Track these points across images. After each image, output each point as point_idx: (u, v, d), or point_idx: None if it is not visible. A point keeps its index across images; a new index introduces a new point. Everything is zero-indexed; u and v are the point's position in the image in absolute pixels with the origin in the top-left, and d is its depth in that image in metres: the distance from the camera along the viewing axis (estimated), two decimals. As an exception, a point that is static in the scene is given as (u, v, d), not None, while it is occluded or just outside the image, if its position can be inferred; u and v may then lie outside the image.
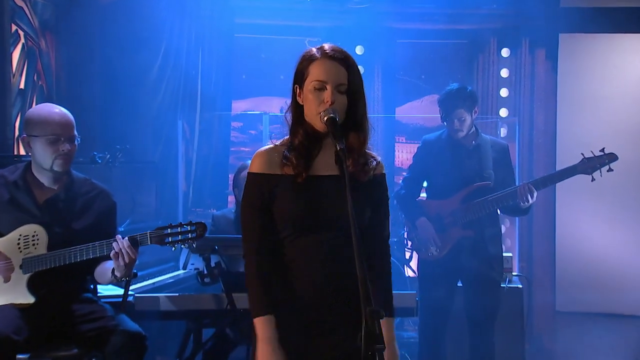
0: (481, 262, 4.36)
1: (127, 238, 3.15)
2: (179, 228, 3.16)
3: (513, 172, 4.56)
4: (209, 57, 6.33)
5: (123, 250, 3.10)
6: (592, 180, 4.25)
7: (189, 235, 3.15)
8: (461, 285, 4.50)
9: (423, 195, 4.71)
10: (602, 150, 4.23)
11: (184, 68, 6.12)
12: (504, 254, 5.09)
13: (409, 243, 4.59)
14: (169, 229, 3.16)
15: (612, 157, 4.22)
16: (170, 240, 3.15)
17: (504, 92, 6.52)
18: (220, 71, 6.41)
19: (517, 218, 6.12)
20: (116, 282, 3.29)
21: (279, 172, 2.29)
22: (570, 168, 4.27)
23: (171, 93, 6.01)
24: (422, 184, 4.68)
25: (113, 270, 3.19)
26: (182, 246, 3.18)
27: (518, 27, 6.43)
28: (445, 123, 4.42)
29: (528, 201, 4.23)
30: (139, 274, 3.64)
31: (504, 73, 6.52)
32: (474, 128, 4.45)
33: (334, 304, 2.25)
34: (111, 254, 3.15)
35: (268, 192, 2.29)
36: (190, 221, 3.19)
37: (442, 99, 4.41)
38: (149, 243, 3.17)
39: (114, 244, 3.14)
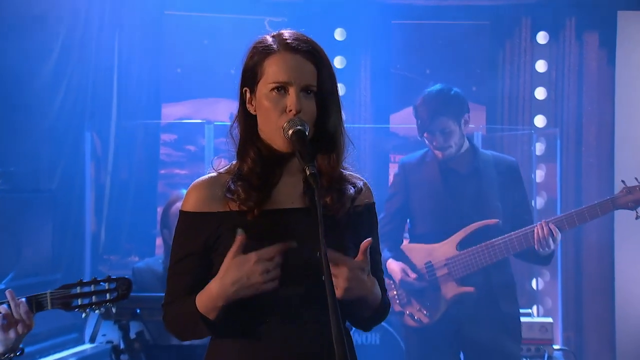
0: (490, 328, 4.42)
1: (23, 300, 3.14)
2: (92, 286, 3.12)
3: (527, 199, 4.64)
4: (129, 44, 6.35)
5: (18, 317, 3.09)
6: (637, 218, 4.35)
7: (107, 296, 3.12)
8: (464, 361, 4.58)
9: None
10: None
11: (94, 58, 6.14)
12: (542, 319, 5.17)
13: (392, 301, 4.67)
14: (78, 288, 3.11)
15: None
16: (79, 303, 3.11)
17: (540, 93, 6.60)
18: (145, 63, 6.43)
19: (558, 267, 6.19)
20: None
21: (222, 209, 2.32)
22: (605, 202, 4.36)
23: (75, 94, 6.00)
24: (404, 224, 4.77)
25: None
26: (97, 311, 3.19)
27: (560, 3, 6.52)
28: (424, 139, 4.52)
29: (549, 247, 4.31)
30: (26, 349, 3.64)
31: (541, 66, 6.61)
32: (467, 143, 4.54)
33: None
34: None
35: (206, 239, 2.33)
36: (109, 276, 3.16)
37: (417, 105, 4.52)
38: (49, 307, 3.13)
39: (2, 308, 3.12)
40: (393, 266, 4.57)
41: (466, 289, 4.44)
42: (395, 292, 4.60)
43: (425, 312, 4.51)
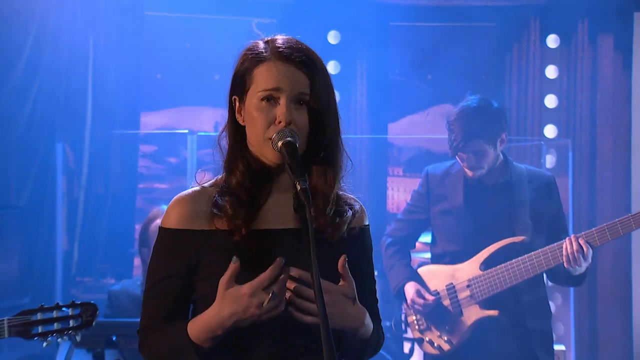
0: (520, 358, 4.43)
1: None
2: (54, 312, 3.16)
3: (563, 217, 4.62)
4: (105, 47, 6.33)
5: None
6: None
7: (70, 323, 3.16)
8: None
9: (423, 256, 4.79)
10: None
11: (67, 63, 6.13)
12: (554, 347, 5.16)
13: (411, 327, 4.66)
14: (38, 314, 3.16)
15: None
16: (40, 330, 3.15)
17: (550, 101, 6.60)
18: (122, 68, 6.42)
19: (571, 290, 6.20)
20: None
21: (206, 227, 2.31)
22: (636, 216, 4.36)
23: (46, 101, 6.00)
24: (420, 233, 4.78)
25: None
26: (60, 339, 3.20)
27: (572, 3, 6.51)
28: (456, 157, 4.54)
29: (579, 265, 4.30)
30: (-8, 380, 3.64)
31: (551, 72, 6.62)
32: (500, 157, 4.55)
33: None
34: None
35: (188, 260, 2.31)
36: (73, 301, 3.19)
37: (451, 120, 4.51)
38: (6, 336, 3.15)
39: None
40: (408, 288, 4.57)
41: (490, 313, 4.43)
42: (413, 318, 4.60)
43: (445, 338, 4.50)
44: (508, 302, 4.46)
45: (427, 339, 4.56)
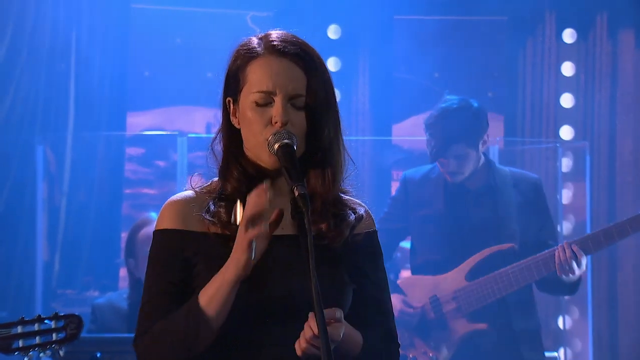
0: None
1: None
2: (36, 325, 3.15)
3: (552, 223, 4.63)
4: (88, 42, 6.33)
5: None
6: None
7: (53, 337, 3.14)
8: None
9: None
10: None
11: (48, 59, 6.12)
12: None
13: None
14: (19, 327, 3.15)
15: None
16: (21, 345, 3.14)
17: (566, 101, 6.59)
18: (107, 65, 6.41)
19: (589, 303, 6.18)
20: None
21: (200, 229, 2.31)
22: (636, 217, 4.36)
23: (24, 101, 6.00)
24: (398, 243, 4.81)
25: None
26: (42, 354, 3.20)
27: (590, -4, 6.55)
28: (436, 163, 4.53)
29: (573, 272, 4.30)
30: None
31: (568, 69, 6.60)
32: (482, 159, 4.55)
33: None
34: None
35: (187, 259, 2.30)
36: (56, 313, 3.17)
37: (430, 124, 4.51)
38: None
39: None
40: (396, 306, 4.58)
41: (479, 326, 4.44)
42: None
43: (431, 354, 4.51)
44: (498, 315, 4.47)
45: (410, 355, 4.55)
